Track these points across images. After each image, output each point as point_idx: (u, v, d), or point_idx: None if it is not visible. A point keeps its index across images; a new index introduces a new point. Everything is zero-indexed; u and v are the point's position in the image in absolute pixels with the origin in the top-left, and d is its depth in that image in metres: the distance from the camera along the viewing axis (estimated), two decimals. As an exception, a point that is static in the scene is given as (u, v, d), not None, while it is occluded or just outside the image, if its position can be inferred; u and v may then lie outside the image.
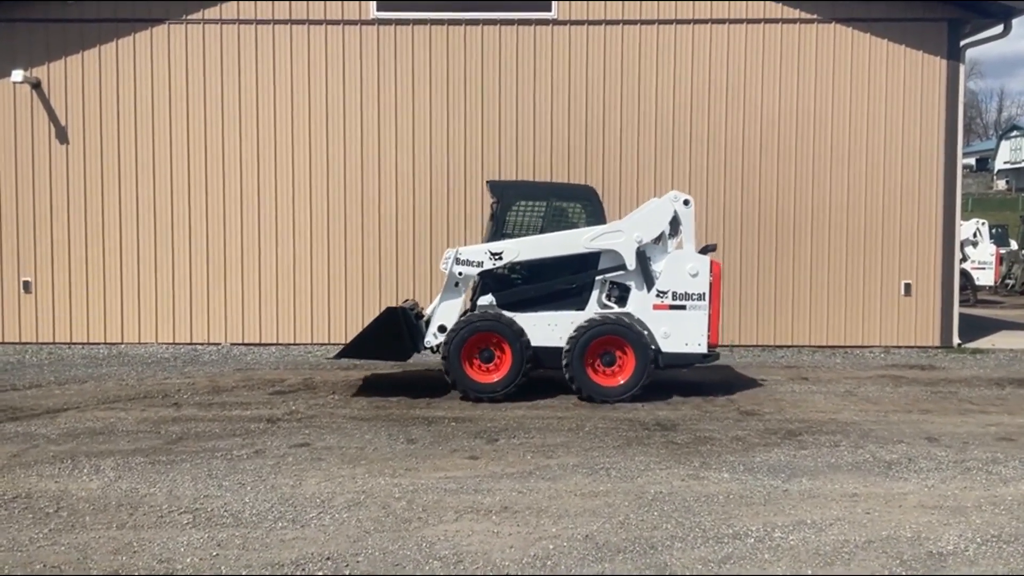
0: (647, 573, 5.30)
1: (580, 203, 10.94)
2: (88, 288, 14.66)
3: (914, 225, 14.73)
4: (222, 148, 14.67)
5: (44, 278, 14.67)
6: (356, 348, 10.56)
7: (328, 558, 5.48)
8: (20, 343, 14.64)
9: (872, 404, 10.31)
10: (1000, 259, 26.05)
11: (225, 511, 6.34)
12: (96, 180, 14.66)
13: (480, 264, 10.42)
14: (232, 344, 14.68)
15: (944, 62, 14.62)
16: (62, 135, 14.64)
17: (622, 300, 10.56)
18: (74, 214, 14.66)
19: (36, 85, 14.53)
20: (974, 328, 16.80)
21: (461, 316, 10.44)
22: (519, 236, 10.62)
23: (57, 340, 14.68)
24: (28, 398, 10.43)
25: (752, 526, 6.08)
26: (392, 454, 7.92)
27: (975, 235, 25.44)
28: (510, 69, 14.65)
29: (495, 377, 10.22)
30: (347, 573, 5.27)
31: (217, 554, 5.53)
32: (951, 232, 14.75)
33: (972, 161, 73.18)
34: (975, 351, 14.55)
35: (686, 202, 10.53)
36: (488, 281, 10.63)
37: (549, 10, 14.60)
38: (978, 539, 5.87)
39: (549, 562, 5.44)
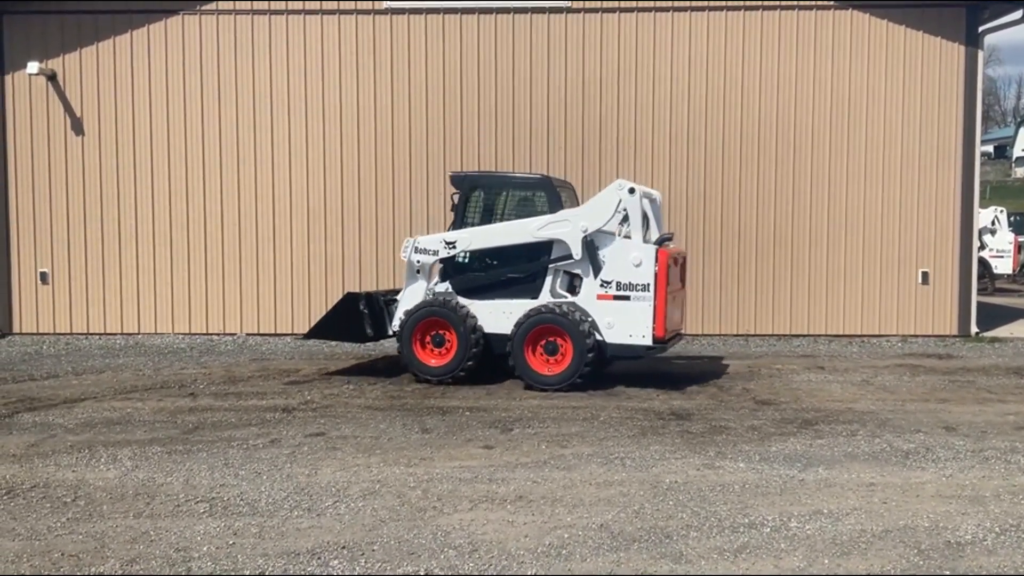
0: (662, 562, 5.29)
1: (536, 193, 11.09)
2: (105, 279, 14.75)
3: (932, 213, 14.61)
4: (237, 139, 14.70)
5: (61, 269, 14.76)
6: (319, 330, 11.31)
7: (344, 547, 5.49)
8: (37, 334, 14.74)
9: (889, 393, 10.25)
10: (1018, 247, 25.83)
11: (241, 500, 6.37)
12: (112, 171, 14.72)
13: (436, 253, 10.81)
14: (248, 334, 14.73)
15: (962, 48, 14.46)
16: (78, 127, 14.71)
17: (574, 289, 10.63)
18: (90, 205, 14.73)
19: (52, 77, 14.59)
20: (992, 317, 16.67)
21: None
22: (476, 225, 10.90)
23: (74, 331, 14.78)
24: (45, 388, 10.50)
25: (768, 516, 6.05)
26: (407, 444, 7.93)
27: (993, 223, 25.23)
28: (523, 59, 14.60)
29: (444, 361, 10.52)
30: (363, 562, 5.28)
31: (233, 543, 5.56)
32: (969, 220, 14.62)
33: (990, 149, 72.46)
34: (993, 340, 14.45)
35: (631, 190, 10.32)
36: (447, 268, 10.94)
37: (563, -2, 14.56)
38: (996, 528, 5.83)
39: (564, 551, 5.43)
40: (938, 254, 14.64)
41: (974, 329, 14.63)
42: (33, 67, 14.22)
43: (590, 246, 10.33)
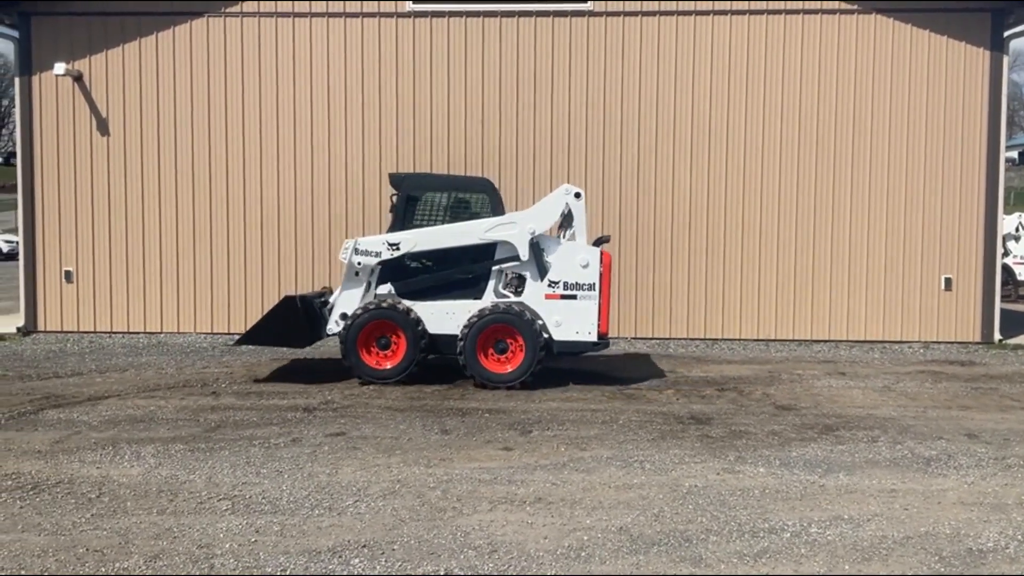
0: (682, 566, 5.29)
1: (478, 195, 11.25)
2: (128, 278, 14.88)
3: (955, 219, 14.51)
4: (260, 141, 14.80)
5: (85, 268, 14.91)
6: (256, 335, 10.98)
7: (364, 545, 5.53)
8: (62, 332, 14.89)
9: (911, 400, 10.19)
10: (1042, 254, 25.54)
11: (263, 498, 6.42)
12: (136, 171, 14.86)
13: (378, 254, 10.79)
14: (268, 334, 14.79)
15: (987, 53, 14.36)
16: (103, 127, 14.85)
17: (518, 290, 10.85)
18: (115, 205, 14.87)
19: (78, 78, 14.74)
20: (1015, 323, 16.52)
21: (362, 304, 10.78)
22: (418, 227, 10.96)
23: (98, 329, 14.92)
24: (70, 386, 10.61)
25: (788, 521, 6.04)
26: (426, 444, 7.96)
27: (1017, 229, 24.98)
28: (544, 61, 14.61)
29: (391, 363, 10.61)
30: (383, 561, 5.31)
31: (255, 540, 5.61)
32: (993, 226, 14.51)
33: (1015, 155, 71.76)
34: (1016, 347, 14.32)
35: (577, 195, 10.81)
36: (387, 270, 10.93)
37: (584, 1, 14.54)
38: (1019, 536, 5.79)
39: (583, 553, 5.44)
40: (961, 260, 14.53)
41: (997, 336, 14.51)
42: (60, 68, 14.36)
43: (535, 247, 10.65)
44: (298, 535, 5.71)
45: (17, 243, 16.29)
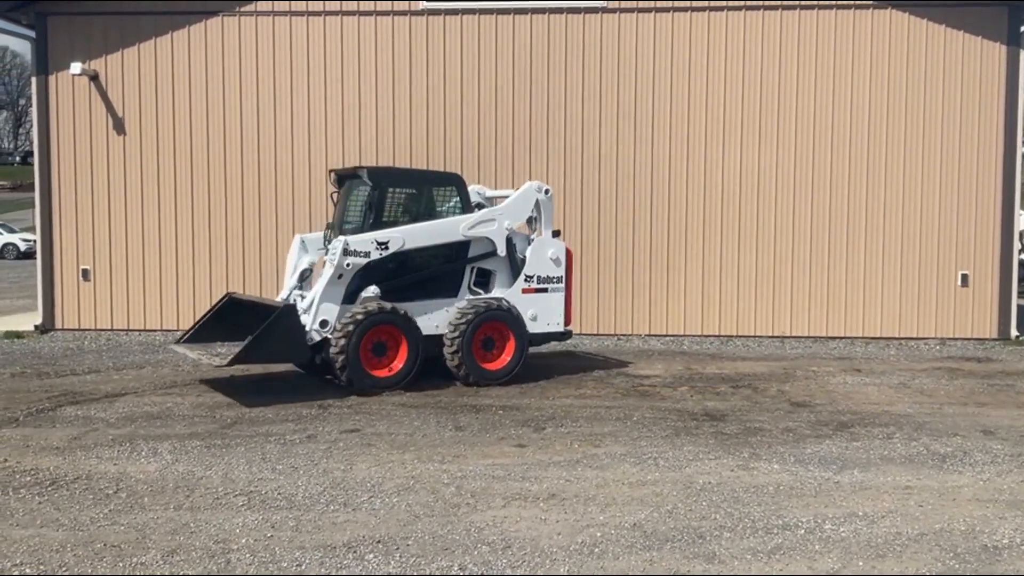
0: (695, 562, 5.30)
1: (449, 191, 11.20)
2: (145, 276, 14.97)
3: (972, 215, 14.42)
4: (274, 139, 14.85)
5: (102, 266, 15.01)
6: (254, 352, 9.74)
7: (379, 541, 5.56)
8: (79, 329, 15.00)
9: (926, 396, 10.15)
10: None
11: (279, 494, 6.46)
12: (152, 170, 14.94)
13: (367, 255, 10.10)
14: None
15: (1004, 48, 14.25)
16: (119, 126, 14.95)
17: (485, 285, 11.00)
18: (131, 203, 14.96)
19: (94, 77, 14.84)
20: (1033, 320, 16.42)
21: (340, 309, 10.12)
22: (391, 224, 10.49)
23: (115, 327, 15.02)
24: (87, 383, 10.69)
25: (802, 517, 6.04)
26: (440, 441, 7.99)
27: (1034, 225, 24.79)
28: (558, 59, 14.60)
29: (393, 369, 10.14)
30: (398, 556, 5.34)
31: (271, 535, 5.65)
32: (1009, 222, 14.41)
33: (1032, 150, 71.21)
34: (1034, 344, 14.24)
35: (547, 191, 11.20)
36: (372, 271, 10.31)
37: (598, -2, 14.55)
38: (1035, 534, 5.77)
39: (597, 549, 5.46)
40: (978, 256, 14.44)
41: (1014, 332, 14.42)
42: (76, 67, 14.46)
43: (509, 243, 10.91)
44: (313, 530, 5.75)
45: (35, 242, 16.40)
